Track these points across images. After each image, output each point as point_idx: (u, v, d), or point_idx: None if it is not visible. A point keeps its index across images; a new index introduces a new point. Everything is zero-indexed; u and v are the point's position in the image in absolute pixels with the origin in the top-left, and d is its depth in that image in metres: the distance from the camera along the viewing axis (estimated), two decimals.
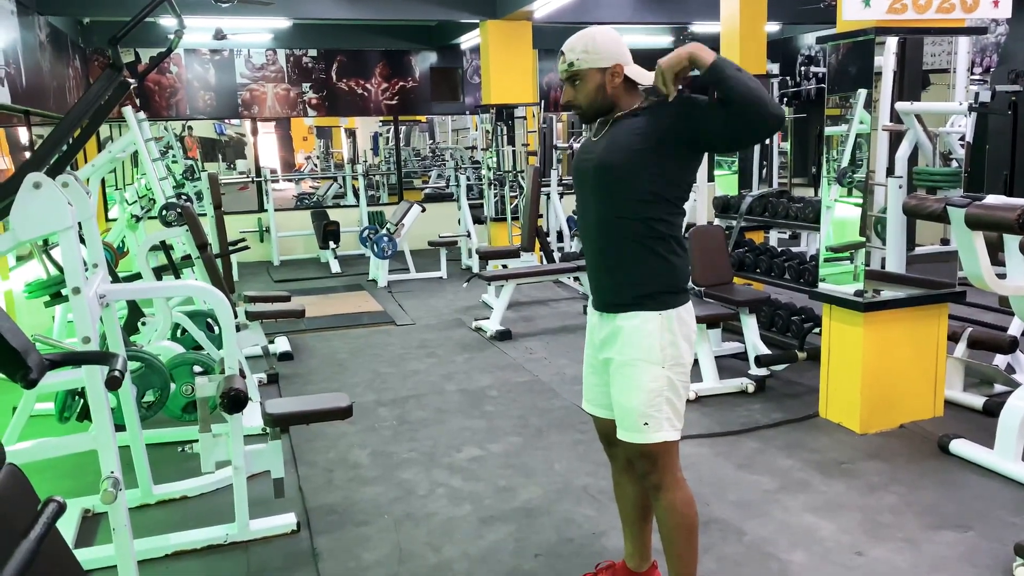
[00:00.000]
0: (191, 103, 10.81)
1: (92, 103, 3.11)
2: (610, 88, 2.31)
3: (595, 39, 2.30)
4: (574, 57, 2.30)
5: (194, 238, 4.83)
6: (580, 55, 2.30)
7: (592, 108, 2.35)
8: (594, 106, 2.34)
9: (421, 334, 6.46)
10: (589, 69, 2.30)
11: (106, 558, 2.76)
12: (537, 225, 7.45)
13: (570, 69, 2.32)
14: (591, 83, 2.31)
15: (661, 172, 2.26)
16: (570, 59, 2.31)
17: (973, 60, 7.75)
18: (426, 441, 4.17)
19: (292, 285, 8.73)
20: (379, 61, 11.49)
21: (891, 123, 4.01)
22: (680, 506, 2.38)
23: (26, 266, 6.08)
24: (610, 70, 2.29)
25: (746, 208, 5.98)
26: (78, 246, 2.36)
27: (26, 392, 3.62)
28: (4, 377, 1.71)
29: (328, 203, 12.33)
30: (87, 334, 2.35)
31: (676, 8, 9.51)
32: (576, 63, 2.30)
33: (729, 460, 3.81)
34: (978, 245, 3.30)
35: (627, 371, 2.33)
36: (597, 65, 2.29)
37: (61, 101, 8.39)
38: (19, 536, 1.15)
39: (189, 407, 4.16)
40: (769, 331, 5.46)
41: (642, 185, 2.26)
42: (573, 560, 2.94)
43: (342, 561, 3.01)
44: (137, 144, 5.62)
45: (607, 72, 2.29)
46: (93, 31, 10.08)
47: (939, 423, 4.10)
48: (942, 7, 3.77)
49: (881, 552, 2.95)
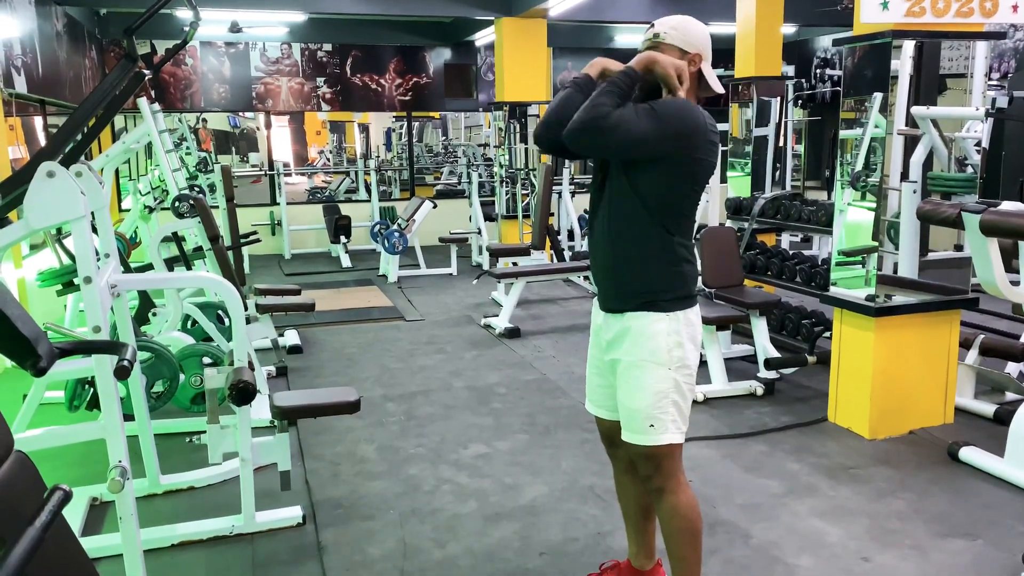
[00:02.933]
0: (206, 95, 10.85)
1: (106, 93, 3.12)
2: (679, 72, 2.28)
3: (689, 24, 2.32)
4: (663, 30, 2.30)
5: (206, 230, 4.85)
6: (669, 30, 2.30)
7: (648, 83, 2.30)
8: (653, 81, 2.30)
9: (430, 330, 6.47)
10: (672, 46, 2.29)
11: (113, 546, 2.77)
12: (548, 223, 7.45)
13: (655, 39, 2.31)
14: None
15: (669, 171, 2.25)
16: (659, 30, 2.31)
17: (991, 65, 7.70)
18: (433, 437, 4.17)
19: (303, 279, 8.75)
20: (393, 57, 11.50)
21: (906, 127, 3.98)
22: (683, 509, 2.37)
23: (39, 255, 6.11)
24: (690, 56, 2.29)
25: (758, 210, 5.95)
26: (90, 236, 2.37)
27: (36, 380, 3.64)
28: (15, 364, 1.72)
29: (340, 198, 12.36)
30: (98, 323, 2.36)
31: (691, 8, 9.41)
32: (663, 35, 2.30)
33: (737, 463, 3.79)
34: (992, 252, 3.27)
35: (634, 372, 2.32)
36: (681, 46, 2.29)
37: (77, 91, 8.43)
38: (26, 523, 1.15)
39: (198, 398, 4.18)
40: (779, 334, 5.43)
41: (655, 183, 2.25)
42: (578, 559, 2.94)
43: (347, 555, 3.01)
44: (151, 135, 5.65)
45: (686, 57, 2.29)
46: (110, 22, 10.13)
47: (949, 430, 4.08)
48: (960, 11, 3.74)
49: (888, 559, 2.93)
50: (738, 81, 6.55)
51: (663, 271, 2.30)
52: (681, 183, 2.27)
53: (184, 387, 4.18)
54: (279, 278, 9.04)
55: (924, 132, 4.03)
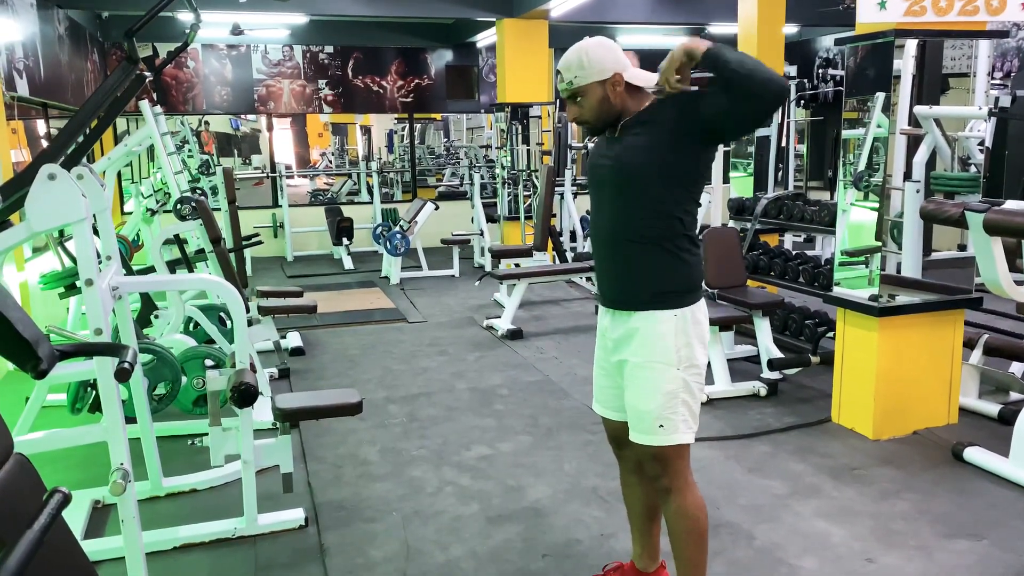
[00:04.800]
0: (208, 98, 10.86)
1: (107, 95, 3.12)
2: (614, 98, 2.28)
3: (588, 53, 2.27)
4: (571, 76, 2.28)
5: (208, 232, 4.85)
6: (577, 72, 2.27)
7: (600, 120, 2.33)
8: (601, 118, 2.32)
9: (432, 332, 6.46)
10: (589, 84, 2.27)
11: (115, 549, 2.77)
12: (550, 224, 7.44)
13: (570, 87, 2.30)
14: (593, 97, 2.29)
15: (676, 168, 2.26)
16: (568, 78, 2.29)
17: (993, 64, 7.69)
18: (436, 439, 4.16)
19: (305, 281, 8.76)
20: (395, 58, 11.51)
21: (909, 127, 3.97)
22: (691, 510, 2.37)
23: (41, 257, 6.12)
24: (610, 80, 2.27)
25: (761, 210, 5.94)
26: (92, 238, 2.37)
27: (39, 383, 3.64)
28: (16, 367, 1.71)
29: (342, 200, 12.36)
30: (99, 326, 2.35)
31: (693, 9, 9.47)
32: (575, 81, 2.28)
33: (740, 463, 3.78)
34: (996, 251, 3.26)
35: (643, 373, 2.31)
36: (596, 79, 2.26)
37: (79, 94, 8.44)
38: (26, 526, 1.15)
39: (200, 400, 4.18)
40: (782, 335, 5.42)
41: (659, 183, 2.26)
42: (581, 561, 2.93)
43: (350, 557, 3.00)
44: (153, 138, 5.65)
45: (607, 83, 2.27)
46: (111, 25, 10.15)
47: (953, 430, 4.06)
48: (965, 9, 3.72)
49: (893, 559, 2.92)
50: None
51: (670, 266, 2.30)
52: (699, 169, 2.31)
53: (186, 389, 4.18)
54: (281, 280, 9.04)
55: (927, 131, 4.02)
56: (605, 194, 2.38)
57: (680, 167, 2.27)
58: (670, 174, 2.26)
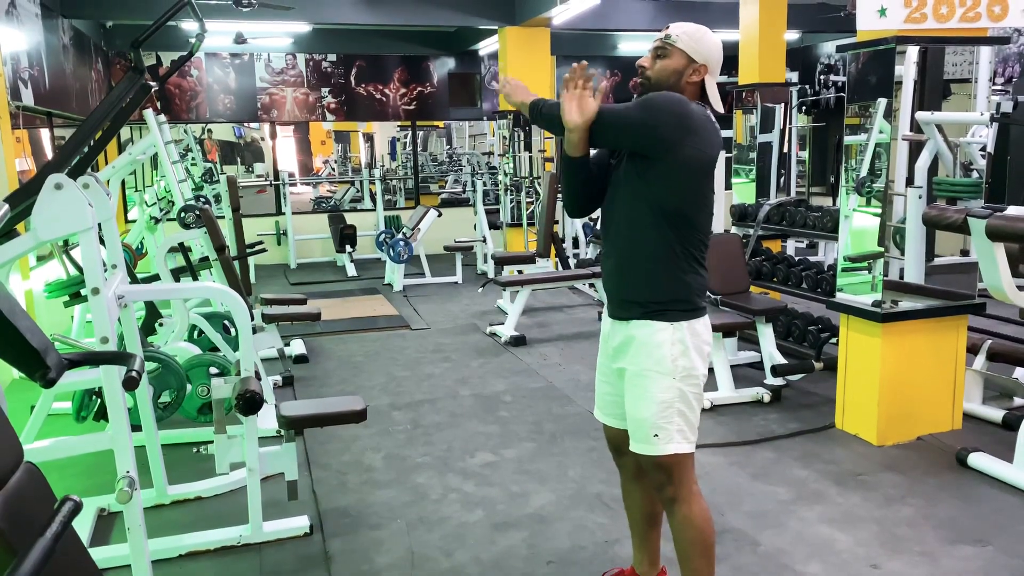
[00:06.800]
0: (211, 106, 10.90)
1: (114, 105, 3.14)
2: (684, 80, 2.30)
3: (704, 34, 2.32)
4: (675, 33, 2.31)
5: (212, 240, 4.86)
6: (683, 35, 2.30)
7: (656, 85, 2.32)
8: (661, 84, 2.31)
9: (436, 338, 6.47)
10: (681, 50, 2.29)
11: (121, 557, 2.77)
12: (553, 231, 7.45)
13: (665, 41, 2.32)
14: (673, 63, 2.30)
15: (674, 182, 2.25)
16: (671, 33, 2.32)
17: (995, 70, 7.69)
18: (440, 445, 4.17)
19: (308, 288, 8.77)
20: (398, 66, 11.55)
21: (911, 133, 3.98)
22: (697, 520, 2.36)
23: (47, 266, 6.14)
24: (696, 65, 2.29)
25: (763, 217, 5.95)
26: (98, 247, 2.38)
27: (44, 391, 3.65)
28: (23, 376, 1.72)
29: (345, 207, 12.39)
30: (105, 334, 2.37)
31: (695, 16, 9.44)
32: (674, 38, 2.30)
33: (744, 470, 3.78)
34: (999, 256, 3.27)
35: (639, 381, 2.31)
36: (690, 52, 2.29)
37: (83, 103, 8.48)
38: (37, 534, 1.16)
39: (205, 408, 4.18)
40: (786, 341, 5.42)
41: (661, 194, 2.25)
42: (586, 568, 2.93)
43: (355, 564, 3.01)
44: (157, 146, 5.67)
45: (691, 65, 2.29)
46: (116, 34, 10.19)
47: (957, 436, 4.06)
48: (966, 16, 3.73)
49: (897, 565, 2.92)
50: (742, 88, 6.55)
51: (670, 281, 2.29)
52: (687, 182, 2.25)
53: (191, 397, 4.18)
54: (285, 288, 9.06)
55: (929, 137, 4.03)
56: (615, 203, 2.37)
57: (677, 181, 2.25)
58: (670, 187, 2.25)
